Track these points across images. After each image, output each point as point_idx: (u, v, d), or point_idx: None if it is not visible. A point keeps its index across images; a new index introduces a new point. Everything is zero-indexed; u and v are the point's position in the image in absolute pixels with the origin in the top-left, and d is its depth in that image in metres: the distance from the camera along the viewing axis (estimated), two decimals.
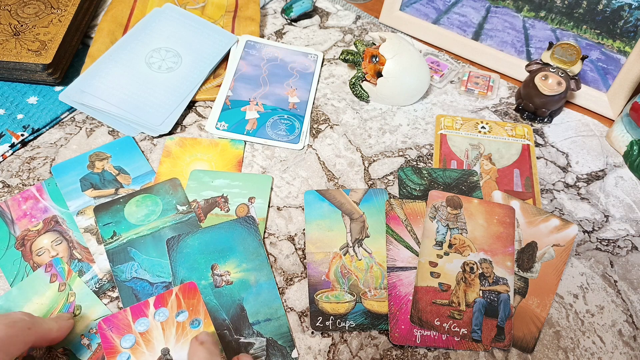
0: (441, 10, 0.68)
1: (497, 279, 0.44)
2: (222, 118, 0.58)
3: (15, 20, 0.62)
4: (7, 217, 0.49)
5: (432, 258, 0.45)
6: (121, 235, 0.47)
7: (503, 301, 0.43)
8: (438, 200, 0.49)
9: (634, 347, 0.42)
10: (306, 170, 0.54)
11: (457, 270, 0.45)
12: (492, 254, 0.45)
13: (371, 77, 0.60)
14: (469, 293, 0.44)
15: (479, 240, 0.46)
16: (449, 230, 0.47)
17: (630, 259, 0.48)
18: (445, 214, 0.48)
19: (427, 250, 0.46)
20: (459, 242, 0.46)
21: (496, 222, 0.47)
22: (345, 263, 0.47)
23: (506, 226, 0.47)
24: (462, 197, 0.49)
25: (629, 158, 0.55)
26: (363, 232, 0.48)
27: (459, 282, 0.44)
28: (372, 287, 0.45)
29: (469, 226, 0.47)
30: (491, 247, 0.46)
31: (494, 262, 0.45)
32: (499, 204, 0.48)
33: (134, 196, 0.50)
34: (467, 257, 0.45)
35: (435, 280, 0.44)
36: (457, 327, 0.42)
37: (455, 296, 0.44)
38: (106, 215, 0.49)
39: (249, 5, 0.71)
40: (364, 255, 0.47)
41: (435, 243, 0.46)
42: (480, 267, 0.45)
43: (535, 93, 0.57)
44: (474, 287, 0.44)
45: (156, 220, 0.48)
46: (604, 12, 0.57)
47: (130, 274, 0.45)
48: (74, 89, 0.57)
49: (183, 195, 0.50)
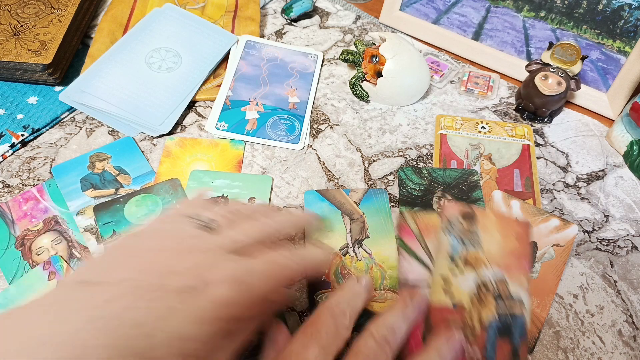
0: (441, 10, 0.68)
1: (512, 299, 0.42)
2: (222, 118, 0.58)
3: (15, 20, 0.62)
4: (7, 217, 0.49)
5: (445, 274, 0.43)
6: (121, 235, 0.47)
7: (518, 322, 0.41)
8: (452, 212, 0.46)
9: (634, 347, 0.42)
10: (306, 171, 0.54)
11: (471, 288, 0.42)
12: (508, 271, 0.43)
13: (371, 77, 0.60)
14: (483, 313, 0.41)
15: (494, 256, 0.44)
16: (464, 245, 0.44)
17: (630, 259, 0.48)
18: (460, 227, 0.45)
19: (441, 266, 0.44)
20: (473, 257, 0.44)
21: (512, 238, 0.45)
22: (345, 264, 0.46)
23: (522, 242, 0.44)
24: (478, 210, 0.46)
25: (629, 158, 0.55)
26: (363, 232, 0.48)
27: (473, 301, 0.42)
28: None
29: (484, 241, 0.45)
30: (506, 263, 0.43)
31: (509, 280, 0.42)
32: (515, 219, 0.46)
33: (134, 196, 0.50)
34: (481, 274, 0.43)
35: (448, 298, 0.42)
36: (469, 349, 0.40)
37: (469, 316, 0.41)
38: (106, 214, 0.49)
39: (249, 5, 0.71)
40: (363, 256, 0.47)
41: (449, 258, 0.44)
42: (495, 285, 0.42)
43: (535, 93, 0.57)
44: (488, 307, 0.41)
45: None
46: (604, 12, 0.57)
47: None
48: (74, 89, 0.57)
49: (183, 196, 0.50)
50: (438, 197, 0.51)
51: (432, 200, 0.50)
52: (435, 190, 0.51)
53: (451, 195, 0.51)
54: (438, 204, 0.50)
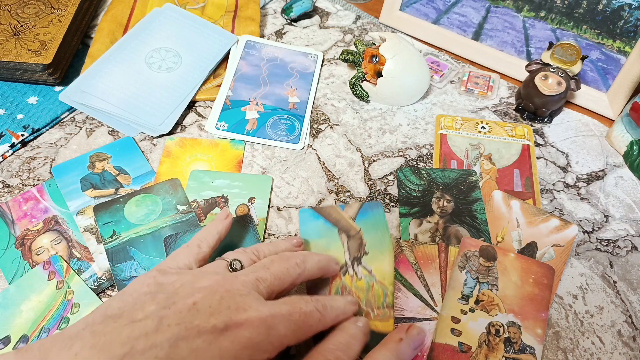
0: (441, 10, 0.68)
1: (523, 347, 0.40)
2: (222, 118, 0.58)
3: (15, 20, 0.62)
4: (7, 217, 0.49)
5: (455, 313, 0.41)
6: (121, 235, 0.47)
7: None
8: (471, 248, 0.45)
9: (634, 348, 0.42)
10: (306, 171, 0.54)
11: (481, 330, 0.41)
12: (522, 318, 0.41)
13: (371, 77, 0.60)
14: (490, 358, 0.40)
15: (510, 300, 0.42)
16: (478, 284, 0.43)
17: (630, 259, 0.48)
18: (477, 265, 0.44)
19: (451, 303, 0.42)
20: (487, 298, 0.42)
21: (532, 282, 0.43)
22: (345, 283, 0.44)
23: (542, 288, 0.43)
24: (498, 249, 0.45)
25: (629, 158, 0.55)
26: (361, 249, 0.46)
27: (481, 345, 0.40)
28: (374, 306, 0.42)
29: (501, 282, 0.43)
30: (522, 309, 0.41)
31: (522, 327, 0.41)
32: (537, 262, 0.44)
33: (134, 196, 0.50)
34: (493, 317, 0.41)
35: (455, 338, 0.40)
36: None
37: (475, 359, 0.40)
38: (106, 214, 0.49)
39: (249, 5, 0.71)
40: (363, 273, 0.44)
41: (461, 296, 0.42)
42: (507, 331, 0.41)
43: (535, 93, 0.57)
44: (496, 353, 0.40)
45: (156, 219, 0.48)
46: (604, 12, 0.57)
47: (130, 272, 0.45)
48: (74, 89, 0.57)
49: (183, 195, 0.50)
50: (437, 198, 0.51)
51: (431, 201, 0.50)
52: (434, 191, 0.51)
53: (450, 196, 0.51)
54: (437, 204, 0.50)
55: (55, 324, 0.42)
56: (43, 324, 0.42)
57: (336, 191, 0.53)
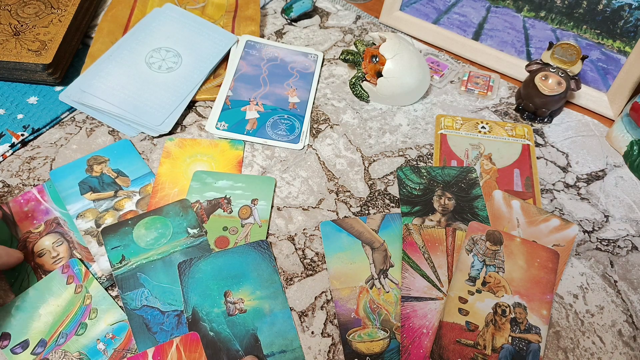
0: (441, 10, 0.68)
1: (529, 327, 0.41)
2: (222, 118, 0.58)
3: (15, 20, 0.62)
4: (8, 219, 0.49)
5: (462, 293, 0.43)
6: (130, 260, 0.45)
7: (532, 351, 0.40)
8: (478, 232, 0.46)
9: (634, 347, 0.42)
10: (306, 170, 0.54)
11: (488, 310, 0.42)
12: (528, 299, 0.42)
13: (371, 77, 0.60)
14: (497, 337, 0.41)
15: (516, 282, 0.43)
16: (485, 267, 0.44)
17: (630, 259, 0.48)
18: (484, 248, 0.45)
19: (459, 285, 0.43)
20: (494, 280, 0.43)
21: (537, 266, 0.44)
22: (373, 297, 0.43)
23: (547, 271, 0.44)
24: (504, 234, 0.46)
25: (629, 158, 0.55)
26: (386, 261, 0.45)
27: (488, 324, 0.41)
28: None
29: (507, 265, 0.44)
30: (528, 291, 0.43)
31: (528, 308, 0.42)
32: (543, 247, 0.45)
33: (143, 218, 0.48)
34: (500, 298, 0.42)
35: (463, 317, 0.41)
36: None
37: (482, 338, 0.41)
38: (114, 238, 0.47)
39: (249, 5, 0.71)
40: (391, 286, 0.44)
41: (469, 278, 0.44)
42: (513, 312, 0.42)
43: (535, 93, 0.57)
44: (503, 332, 0.41)
45: (166, 244, 0.47)
46: (604, 12, 0.57)
47: (141, 301, 0.43)
48: (74, 89, 0.57)
49: (194, 217, 0.48)
50: (438, 196, 0.51)
51: (433, 199, 0.50)
52: (435, 189, 0.51)
53: (451, 194, 0.51)
54: (439, 202, 0.50)
55: (73, 328, 0.42)
56: (61, 328, 0.42)
57: (336, 191, 0.53)
